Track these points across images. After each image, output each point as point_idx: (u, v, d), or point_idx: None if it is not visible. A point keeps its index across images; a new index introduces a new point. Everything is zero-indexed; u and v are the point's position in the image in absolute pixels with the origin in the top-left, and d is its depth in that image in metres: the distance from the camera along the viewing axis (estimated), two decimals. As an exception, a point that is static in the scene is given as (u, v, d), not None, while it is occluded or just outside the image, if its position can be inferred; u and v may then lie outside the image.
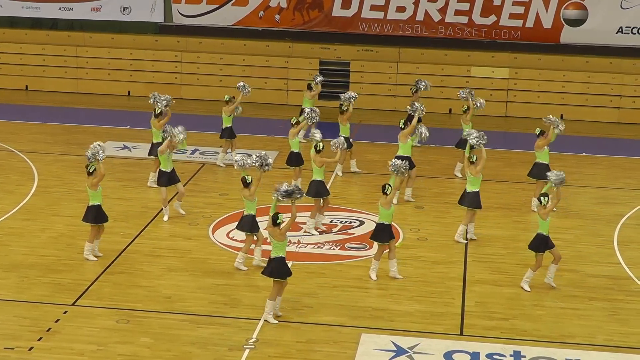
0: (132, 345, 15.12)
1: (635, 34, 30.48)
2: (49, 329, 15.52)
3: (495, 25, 30.83)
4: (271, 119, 27.89)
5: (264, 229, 17.65)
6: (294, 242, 19.29)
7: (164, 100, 22.44)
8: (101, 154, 18.28)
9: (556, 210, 20.74)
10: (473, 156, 19.53)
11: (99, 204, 18.26)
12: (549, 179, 18.05)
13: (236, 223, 18.66)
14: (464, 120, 23.47)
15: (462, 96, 23.90)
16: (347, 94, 24.01)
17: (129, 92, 31.46)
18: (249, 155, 18.54)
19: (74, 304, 16.47)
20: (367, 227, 20.28)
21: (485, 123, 24.65)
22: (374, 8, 31.15)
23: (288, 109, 28.90)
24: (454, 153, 24.20)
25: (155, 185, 21.68)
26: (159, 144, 21.33)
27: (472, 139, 20.12)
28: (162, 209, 20.71)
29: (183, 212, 20.73)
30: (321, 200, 20.11)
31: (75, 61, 31.86)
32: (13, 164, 24.08)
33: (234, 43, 31.73)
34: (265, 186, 19.37)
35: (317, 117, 22.29)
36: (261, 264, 17.67)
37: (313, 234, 19.90)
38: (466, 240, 19.67)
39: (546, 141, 21.27)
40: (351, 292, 17.25)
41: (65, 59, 31.86)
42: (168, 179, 20.56)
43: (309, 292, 17.16)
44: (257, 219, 18.17)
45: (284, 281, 16.03)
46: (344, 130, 23.23)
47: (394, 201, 20.04)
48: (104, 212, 18.38)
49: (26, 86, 32.12)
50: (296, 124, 21.95)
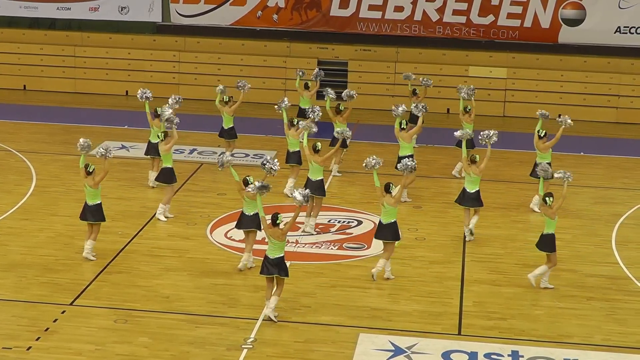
0: (130, 345, 15.11)
1: (633, 33, 30.49)
2: (47, 328, 15.51)
3: (493, 25, 30.83)
4: (269, 118, 27.83)
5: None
6: (292, 242, 19.29)
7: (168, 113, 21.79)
8: (112, 151, 18.64)
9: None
10: (475, 155, 19.53)
11: (100, 202, 18.30)
12: (538, 173, 18.20)
13: (235, 222, 18.65)
14: (466, 120, 23.30)
15: (462, 94, 23.77)
16: (348, 91, 23.84)
17: (127, 92, 31.43)
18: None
19: (72, 304, 16.46)
20: (365, 227, 20.28)
21: (483, 123, 24.59)
22: (371, 8, 31.15)
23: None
24: (452, 153, 24.18)
25: (156, 185, 21.74)
26: (156, 144, 21.31)
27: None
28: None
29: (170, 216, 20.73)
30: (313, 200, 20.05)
31: (73, 61, 31.84)
32: (11, 163, 24.06)
33: (232, 43, 31.73)
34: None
35: (319, 115, 22.03)
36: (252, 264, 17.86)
37: (312, 234, 19.89)
38: (472, 235, 19.67)
39: (555, 141, 21.29)
40: (349, 292, 17.24)
41: (64, 58, 31.85)
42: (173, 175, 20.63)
43: (307, 292, 17.15)
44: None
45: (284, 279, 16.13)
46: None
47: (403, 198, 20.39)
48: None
49: (24, 86, 32.09)
50: (293, 123, 21.87)
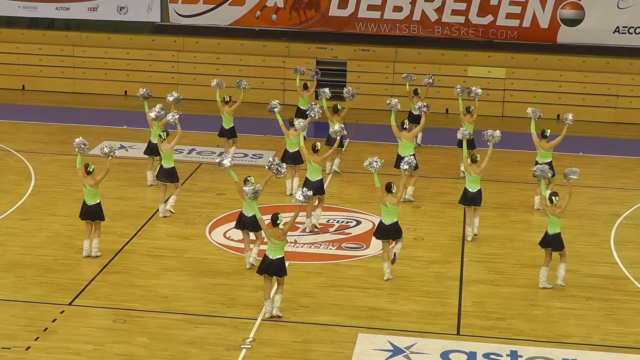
0: (129, 345, 15.11)
1: (632, 33, 30.50)
2: (46, 328, 15.51)
3: (492, 25, 30.84)
4: (268, 118, 27.80)
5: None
6: (291, 242, 19.28)
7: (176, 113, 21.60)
8: (116, 151, 18.72)
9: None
10: (477, 155, 19.53)
11: (99, 201, 18.30)
12: (534, 174, 18.21)
13: (235, 222, 18.63)
14: (467, 120, 23.24)
15: (470, 94, 23.77)
16: (349, 89, 23.81)
17: (125, 91, 31.43)
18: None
19: (70, 304, 16.45)
20: (364, 227, 20.28)
21: (482, 123, 24.58)
22: (370, 8, 31.16)
23: (285, 108, 28.75)
24: (451, 153, 24.18)
25: (155, 184, 21.77)
26: (156, 144, 21.31)
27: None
28: (159, 209, 20.70)
29: (170, 214, 20.75)
30: (316, 200, 20.08)
31: (72, 61, 31.84)
32: (10, 163, 24.05)
33: (230, 43, 31.73)
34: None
35: (319, 114, 22.00)
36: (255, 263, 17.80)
37: (317, 228, 19.89)
38: (475, 233, 19.68)
39: (559, 140, 21.31)
40: (348, 292, 17.24)
41: (62, 58, 31.84)
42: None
43: (306, 292, 17.14)
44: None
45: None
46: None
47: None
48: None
49: (23, 86, 32.08)
50: (292, 123, 21.87)
